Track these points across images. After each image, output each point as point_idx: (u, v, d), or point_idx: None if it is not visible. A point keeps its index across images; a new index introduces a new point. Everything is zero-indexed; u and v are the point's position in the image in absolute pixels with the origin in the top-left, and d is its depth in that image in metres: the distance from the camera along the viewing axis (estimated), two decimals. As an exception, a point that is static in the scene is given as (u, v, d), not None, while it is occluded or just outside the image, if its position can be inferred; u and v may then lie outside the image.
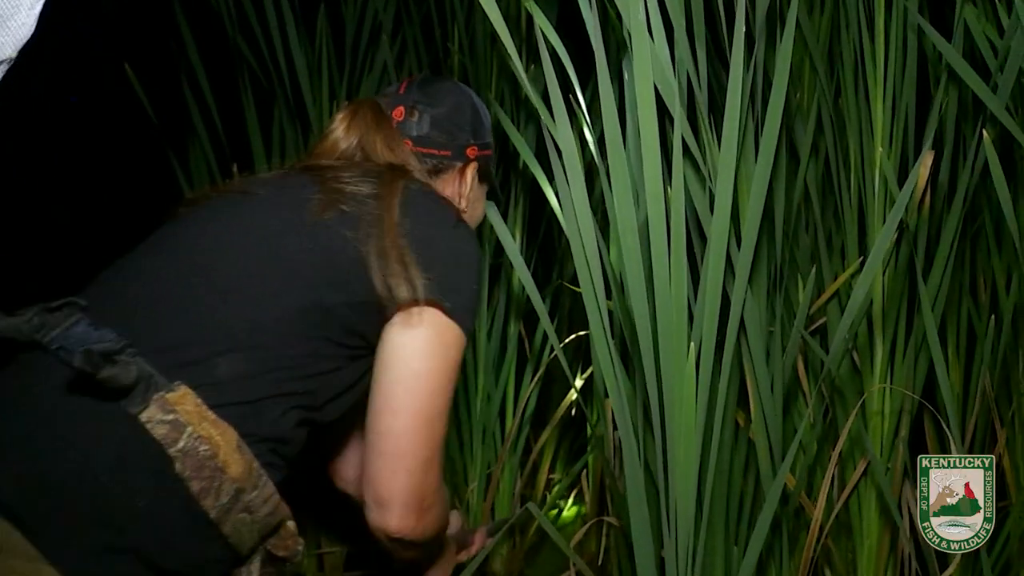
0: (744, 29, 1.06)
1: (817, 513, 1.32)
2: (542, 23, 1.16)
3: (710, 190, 1.13)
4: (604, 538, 1.73)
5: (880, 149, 1.44)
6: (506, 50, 1.12)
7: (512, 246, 1.40)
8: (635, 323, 1.09)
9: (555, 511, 2.27)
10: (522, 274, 1.34)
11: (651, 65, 0.99)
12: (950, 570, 1.16)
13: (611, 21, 1.30)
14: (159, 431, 0.84)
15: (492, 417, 2.18)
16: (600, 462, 2.05)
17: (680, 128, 1.02)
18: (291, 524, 0.97)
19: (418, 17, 2.18)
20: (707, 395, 1.10)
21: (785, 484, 1.37)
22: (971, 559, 1.51)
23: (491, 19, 1.02)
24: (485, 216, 1.37)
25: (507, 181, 2.19)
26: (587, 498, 2.23)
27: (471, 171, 1.22)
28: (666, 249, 1.03)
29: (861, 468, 1.45)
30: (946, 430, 1.30)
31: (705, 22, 1.19)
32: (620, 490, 1.46)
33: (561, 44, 1.23)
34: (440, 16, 2.18)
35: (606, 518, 1.62)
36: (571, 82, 1.27)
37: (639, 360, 1.14)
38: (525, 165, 2.06)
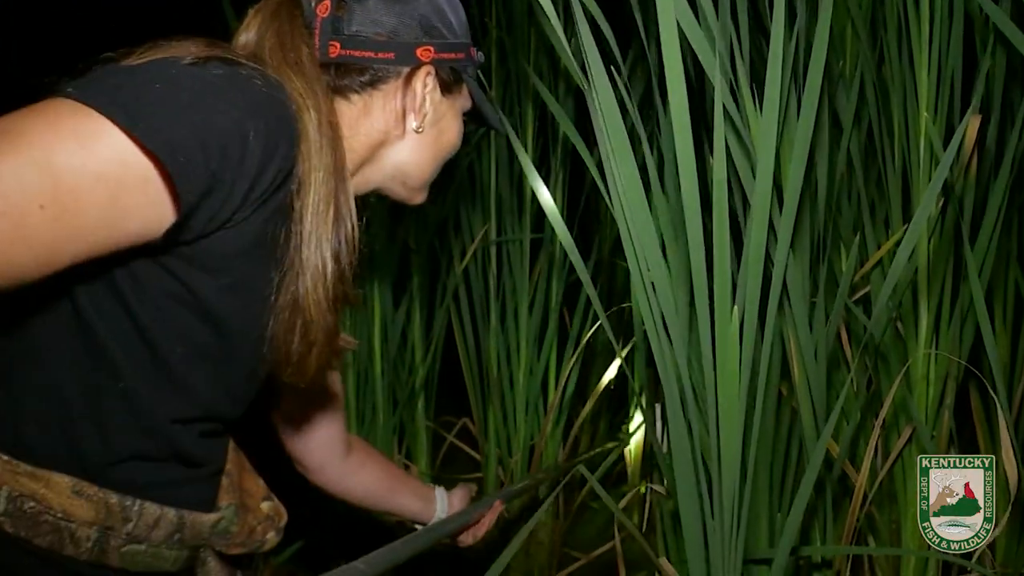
0: (786, -4, 1.06)
1: (861, 480, 1.33)
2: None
3: (752, 158, 1.14)
4: (648, 506, 1.75)
5: (925, 115, 1.42)
6: (547, 19, 1.13)
7: (555, 212, 1.41)
8: (677, 291, 1.10)
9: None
10: (564, 241, 1.36)
11: (677, 35, 0.99)
12: (995, 532, 1.17)
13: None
14: None
15: (535, 390, 2.21)
16: (645, 431, 2.07)
17: (720, 96, 1.03)
18: (233, 522, 0.91)
19: (456, -6, 2.19)
20: (750, 361, 1.11)
21: (829, 451, 1.39)
22: (1017, 528, 1.51)
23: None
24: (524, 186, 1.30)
25: (546, 154, 2.21)
26: (630, 467, 2.26)
27: (422, 78, 0.92)
28: (698, 214, 1.04)
29: (906, 435, 1.45)
30: (992, 396, 1.30)
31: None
32: (665, 458, 1.48)
33: (600, 11, 1.23)
34: (478, -8, 2.20)
35: (652, 485, 1.64)
36: (611, 51, 1.28)
37: (683, 327, 1.15)
38: (565, 136, 2.07)
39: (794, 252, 1.26)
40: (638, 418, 2.15)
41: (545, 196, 1.40)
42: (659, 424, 1.62)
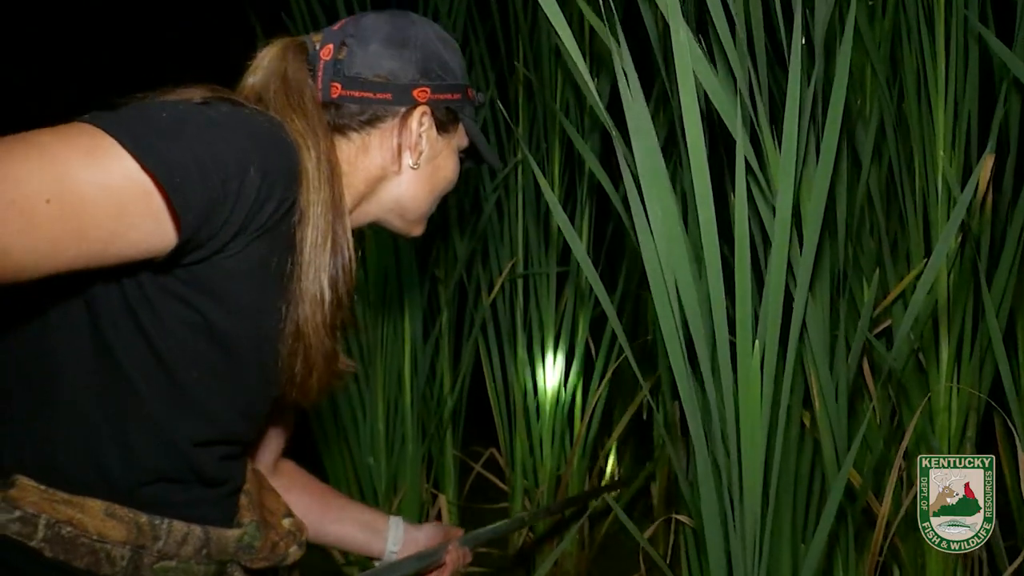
0: (803, 37, 1.10)
1: (884, 511, 1.34)
2: (602, 32, 1.22)
3: (772, 197, 1.18)
4: (673, 535, 1.77)
5: (942, 154, 1.45)
6: (572, 59, 1.17)
7: (579, 247, 1.45)
8: (699, 327, 1.14)
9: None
10: (590, 275, 1.40)
11: (692, 81, 1.04)
12: (1016, 564, 1.18)
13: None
14: (12, 530, 0.81)
15: (561, 421, 2.24)
16: (668, 462, 2.09)
17: (742, 143, 1.07)
18: (256, 538, 0.95)
19: (484, 34, 2.27)
20: (771, 393, 1.14)
21: (851, 482, 1.40)
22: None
23: (557, 30, 1.08)
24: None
25: (572, 190, 2.26)
26: (655, 498, 2.27)
27: (417, 117, 0.97)
28: (717, 254, 1.08)
29: (929, 467, 1.46)
30: (1012, 429, 1.32)
31: (765, 30, 1.24)
32: (689, 489, 1.50)
33: (630, 60, 1.28)
34: (505, 32, 2.27)
35: (676, 516, 1.66)
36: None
37: (707, 360, 1.18)
38: (590, 174, 2.12)
39: (814, 287, 1.29)
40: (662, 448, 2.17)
41: (569, 233, 1.44)
42: (684, 456, 1.65)
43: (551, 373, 2.23)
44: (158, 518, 0.87)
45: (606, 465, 2.38)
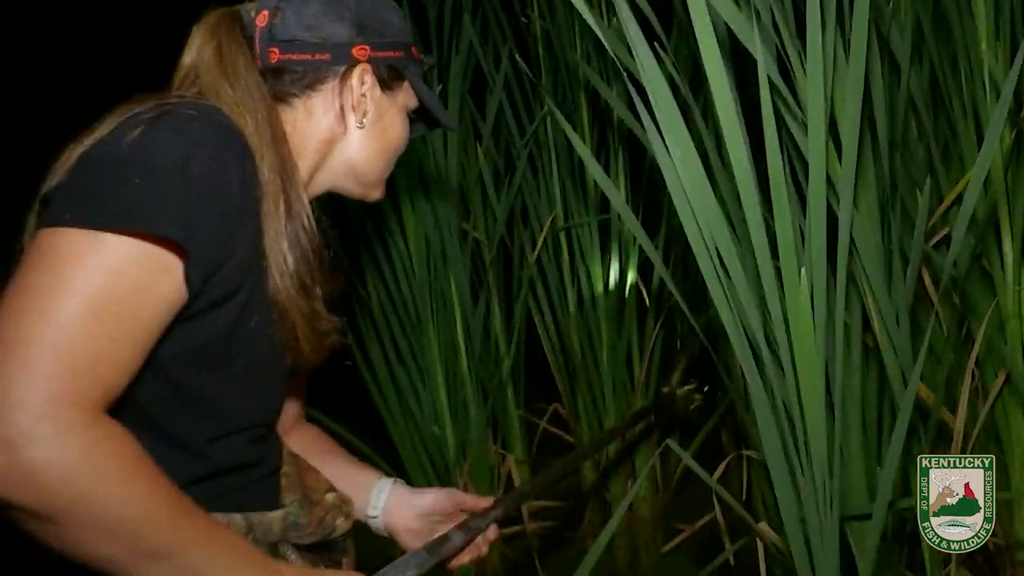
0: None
1: (959, 424, 1.30)
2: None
3: (803, 112, 1.13)
4: (746, 471, 1.75)
5: (984, 47, 1.37)
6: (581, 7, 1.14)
7: (618, 198, 1.43)
8: (743, 259, 1.10)
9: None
10: (632, 226, 1.37)
11: (707, 9, 0.99)
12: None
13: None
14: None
15: (619, 367, 2.23)
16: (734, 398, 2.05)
17: (763, 65, 1.02)
18: (301, 516, 0.95)
19: (496, -12, 2.22)
20: (824, 319, 1.10)
21: (922, 399, 1.36)
22: None
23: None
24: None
25: (604, 136, 2.21)
26: (725, 435, 2.25)
27: (358, 75, 0.96)
28: (751, 182, 1.04)
29: (1002, 376, 1.41)
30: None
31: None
32: (754, 424, 1.48)
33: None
34: (517, -16, 2.22)
35: (745, 452, 1.64)
36: (653, 30, 1.28)
37: (752, 293, 1.15)
38: (620, 118, 2.08)
39: (860, 202, 1.24)
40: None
41: (604, 182, 1.41)
42: (745, 391, 1.62)
43: (604, 323, 2.21)
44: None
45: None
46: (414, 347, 2.21)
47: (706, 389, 2.46)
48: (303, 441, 1.15)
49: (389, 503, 1.15)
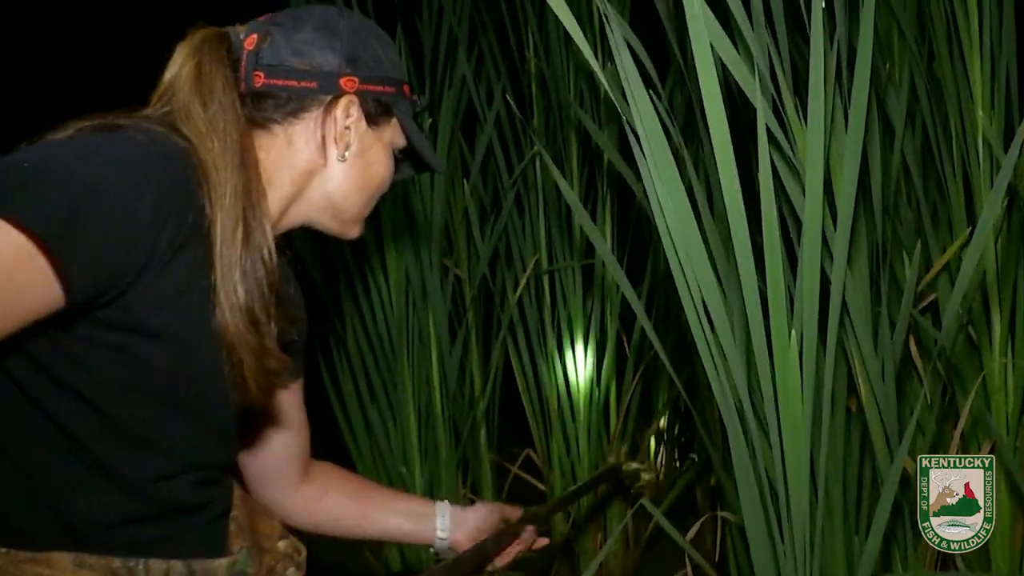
0: (823, 2, 1.03)
1: (942, 497, 1.26)
2: (616, 20, 1.16)
3: (800, 172, 1.11)
4: (719, 533, 1.70)
5: (981, 113, 1.37)
6: (577, 42, 1.12)
7: (602, 244, 1.40)
8: (724, 320, 1.07)
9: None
10: (616, 273, 1.34)
11: (710, 55, 0.98)
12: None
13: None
14: None
15: (596, 416, 2.18)
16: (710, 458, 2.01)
17: (762, 113, 1.00)
18: (248, 564, 0.91)
19: (492, 27, 2.21)
20: (813, 381, 1.07)
21: (906, 469, 1.33)
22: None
23: (561, 18, 1.02)
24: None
25: (593, 180, 2.19)
26: (699, 495, 2.20)
27: (343, 107, 0.92)
28: (746, 237, 1.01)
29: (986, 449, 1.38)
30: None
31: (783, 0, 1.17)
32: (732, 485, 1.44)
33: (636, 38, 1.22)
34: (514, 24, 2.21)
35: (720, 513, 1.60)
36: (649, 76, 1.26)
37: (740, 351, 1.12)
38: (610, 163, 2.06)
39: (852, 264, 1.21)
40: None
41: (589, 227, 1.38)
42: (723, 450, 1.58)
43: (583, 369, 2.17)
44: (132, 560, 0.83)
45: (648, 458, 2.32)
46: (387, 383, 2.16)
47: (683, 440, 2.42)
48: (327, 482, 1.18)
49: (451, 524, 1.20)
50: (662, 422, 2.29)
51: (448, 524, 1.20)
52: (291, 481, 1.14)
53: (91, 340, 0.79)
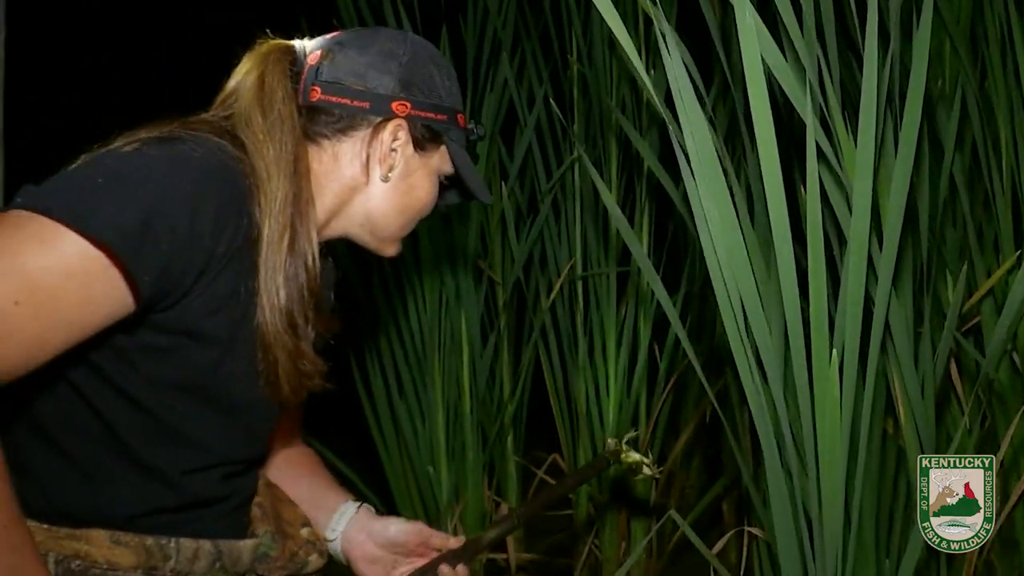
0: (876, 19, 1.01)
1: (978, 526, 1.24)
2: (661, 24, 1.15)
3: (847, 190, 1.09)
4: (746, 548, 1.68)
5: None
6: (626, 53, 1.11)
7: (639, 250, 1.39)
8: (765, 335, 1.06)
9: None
10: (651, 279, 1.32)
11: (760, 66, 0.96)
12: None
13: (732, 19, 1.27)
14: None
15: (624, 424, 2.17)
16: (740, 471, 1.99)
17: (812, 129, 0.99)
18: (272, 548, 0.95)
19: (536, 31, 2.20)
20: (852, 402, 1.05)
21: (941, 494, 1.30)
22: None
23: (608, 21, 1.01)
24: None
25: (631, 187, 2.18)
26: (725, 508, 2.18)
27: (391, 129, 0.95)
28: (790, 252, 1.00)
29: (1026, 478, 1.35)
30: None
31: (835, 14, 1.15)
32: (762, 500, 1.42)
33: (683, 44, 1.21)
34: (557, 28, 2.20)
35: (748, 528, 1.58)
36: (695, 84, 1.25)
37: (778, 368, 1.10)
38: (650, 170, 2.04)
39: (896, 286, 1.19)
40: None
41: (627, 233, 1.36)
42: (753, 465, 1.56)
43: (613, 377, 2.16)
44: (164, 538, 0.88)
45: (676, 469, 2.30)
46: (417, 383, 2.16)
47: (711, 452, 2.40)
48: (288, 459, 1.13)
49: (350, 528, 1.07)
50: (690, 433, 2.27)
51: (343, 527, 1.07)
52: (275, 447, 1.11)
53: (142, 341, 0.84)
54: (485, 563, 2.18)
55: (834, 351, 1.00)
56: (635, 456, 1.16)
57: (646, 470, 1.14)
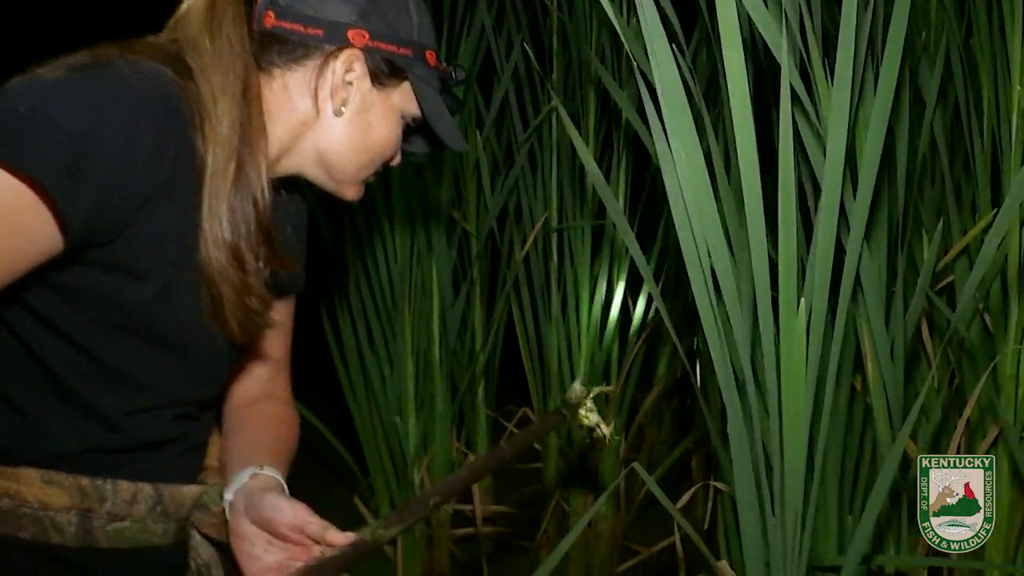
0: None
1: (941, 483, 1.23)
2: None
3: (823, 139, 1.06)
4: (711, 503, 1.68)
5: (1019, 88, 1.31)
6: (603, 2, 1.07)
7: (614, 205, 1.36)
8: (731, 285, 1.04)
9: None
10: (625, 234, 1.30)
11: (735, 6, 0.93)
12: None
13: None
14: None
15: (596, 378, 2.16)
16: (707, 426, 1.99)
17: (787, 70, 0.95)
18: (216, 502, 0.91)
19: (516, -26, 2.14)
20: (818, 356, 1.04)
21: (906, 452, 1.30)
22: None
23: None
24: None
25: (609, 139, 2.14)
26: (695, 464, 2.18)
27: (343, 59, 0.87)
28: (759, 196, 0.97)
29: (992, 436, 1.35)
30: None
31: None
32: (728, 456, 1.41)
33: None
34: (538, -28, 2.14)
35: (713, 483, 1.57)
36: (674, 30, 1.21)
37: (747, 319, 1.08)
38: (628, 123, 2.00)
39: (869, 239, 1.17)
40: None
41: (602, 186, 1.33)
42: (721, 420, 1.55)
43: (585, 331, 2.14)
44: (100, 479, 0.84)
45: (646, 423, 2.30)
46: (387, 332, 2.13)
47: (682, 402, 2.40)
48: (248, 417, 1.04)
49: (238, 496, 0.91)
50: (661, 389, 2.26)
51: (234, 491, 0.91)
52: (237, 401, 1.04)
53: (78, 279, 0.79)
54: (451, 514, 2.18)
55: (802, 300, 0.98)
56: (593, 418, 1.06)
57: (601, 429, 1.07)
